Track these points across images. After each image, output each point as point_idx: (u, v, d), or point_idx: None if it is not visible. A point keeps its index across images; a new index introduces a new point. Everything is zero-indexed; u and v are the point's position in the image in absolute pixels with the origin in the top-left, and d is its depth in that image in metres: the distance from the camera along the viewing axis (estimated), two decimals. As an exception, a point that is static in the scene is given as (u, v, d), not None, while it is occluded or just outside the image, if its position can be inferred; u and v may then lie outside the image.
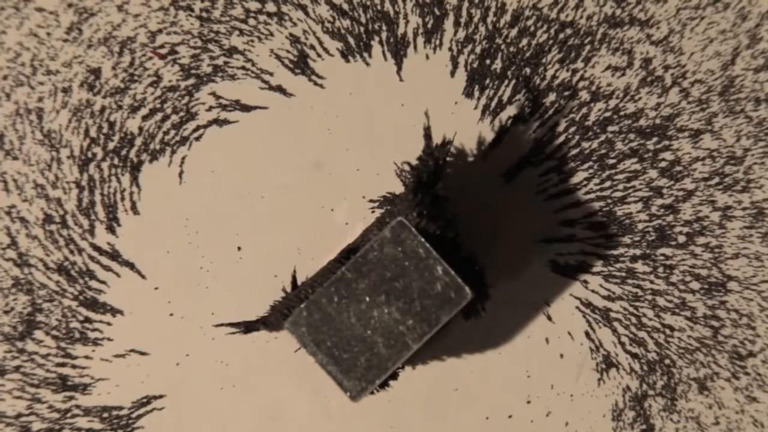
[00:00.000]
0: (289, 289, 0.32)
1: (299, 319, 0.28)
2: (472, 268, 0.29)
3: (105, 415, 0.34)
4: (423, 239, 0.27)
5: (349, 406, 0.33)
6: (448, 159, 0.32)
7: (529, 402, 0.34)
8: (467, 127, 0.34)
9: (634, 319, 0.33)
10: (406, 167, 0.32)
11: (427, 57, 0.33)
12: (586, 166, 0.33)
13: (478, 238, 0.33)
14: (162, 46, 0.33)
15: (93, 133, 0.34)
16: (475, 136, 0.34)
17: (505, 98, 0.33)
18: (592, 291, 0.34)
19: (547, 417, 0.34)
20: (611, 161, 0.33)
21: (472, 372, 0.34)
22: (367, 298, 0.28)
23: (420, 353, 0.30)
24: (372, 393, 0.29)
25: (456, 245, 0.29)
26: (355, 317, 0.28)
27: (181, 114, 0.34)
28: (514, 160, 0.34)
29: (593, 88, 0.33)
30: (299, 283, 0.32)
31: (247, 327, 0.33)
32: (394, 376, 0.31)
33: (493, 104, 0.33)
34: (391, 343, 0.27)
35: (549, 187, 0.34)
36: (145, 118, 0.34)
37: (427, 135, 0.31)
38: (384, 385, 0.30)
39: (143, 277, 0.34)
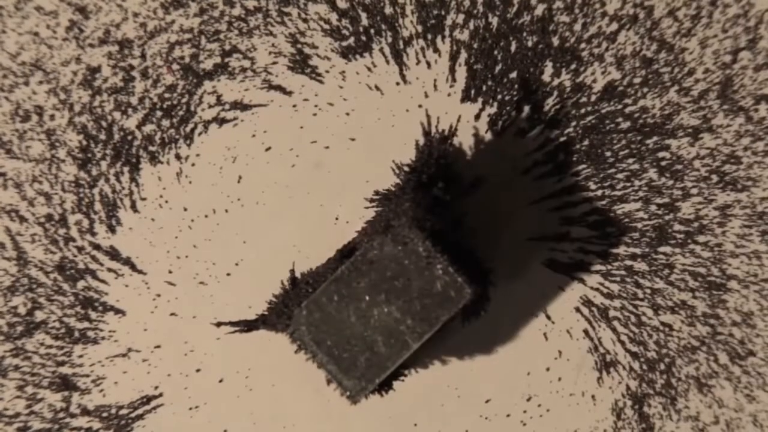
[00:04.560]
0: (288, 287, 0.32)
1: (299, 318, 0.28)
2: (476, 268, 0.29)
3: (105, 414, 0.34)
4: (423, 238, 0.27)
5: (349, 406, 0.33)
6: (448, 160, 0.32)
7: (528, 400, 0.34)
8: (467, 127, 0.34)
9: (633, 318, 0.34)
10: (406, 168, 0.32)
11: (425, 56, 0.33)
12: (585, 165, 0.34)
13: (477, 237, 0.33)
14: (173, 62, 0.33)
15: (92, 131, 0.34)
16: (475, 136, 0.34)
17: (505, 99, 0.33)
18: (592, 289, 0.34)
19: (547, 416, 0.34)
20: (610, 160, 0.33)
21: (472, 371, 0.34)
22: (367, 297, 0.28)
23: (420, 354, 0.29)
24: (373, 393, 0.28)
25: (460, 245, 0.29)
26: (355, 316, 0.28)
27: (181, 113, 0.34)
28: (513, 159, 0.34)
29: (592, 87, 0.33)
30: (298, 281, 0.32)
31: (248, 326, 0.33)
32: (396, 377, 0.31)
33: (493, 105, 0.34)
34: (390, 342, 0.27)
35: (548, 186, 0.34)
36: (144, 116, 0.34)
37: (426, 134, 0.31)
38: (386, 386, 0.30)
39: (143, 276, 0.34)
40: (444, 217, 0.29)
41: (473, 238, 0.33)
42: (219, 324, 0.33)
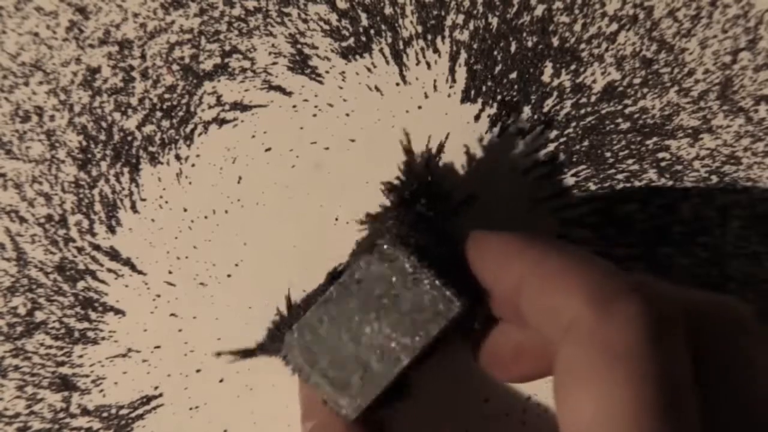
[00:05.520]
0: (284, 312, 0.32)
1: (291, 341, 0.28)
2: (469, 280, 0.28)
3: (105, 414, 0.34)
4: (408, 254, 0.27)
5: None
6: (433, 178, 0.31)
7: (528, 400, 0.34)
8: (467, 128, 0.34)
9: (633, 319, 0.34)
10: (385, 185, 0.31)
11: (425, 57, 0.33)
12: (585, 165, 0.34)
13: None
14: (173, 63, 0.33)
15: (92, 132, 0.34)
16: (475, 137, 0.34)
17: (505, 99, 0.33)
18: (592, 290, 0.34)
19: (547, 416, 0.34)
20: (610, 161, 0.34)
21: (472, 371, 0.34)
22: (357, 317, 0.28)
23: (422, 367, 0.29)
24: (372, 411, 0.28)
25: (452, 257, 0.28)
26: (347, 336, 0.28)
27: (181, 113, 0.34)
28: (513, 160, 0.34)
29: (592, 88, 0.33)
30: (294, 305, 0.32)
31: (245, 355, 0.32)
32: (407, 389, 0.30)
33: (493, 105, 0.34)
34: (384, 358, 0.27)
35: (548, 187, 0.34)
36: (144, 117, 0.34)
37: (408, 151, 0.31)
38: (397, 399, 0.30)
39: (143, 276, 0.34)
40: (430, 232, 0.29)
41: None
42: (219, 354, 0.33)
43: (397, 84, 0.33)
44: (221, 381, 0.34)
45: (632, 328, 0.20)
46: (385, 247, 0.28)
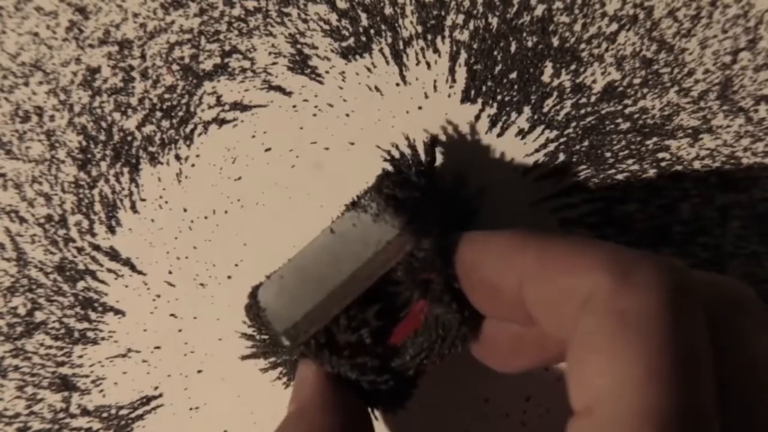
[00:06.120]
0: None
1: (265, 288, 0.29)
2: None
3: (104, 415, 0.34)
4: (379, 200, 0.28)
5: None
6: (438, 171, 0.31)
7: (528, 400, 0.34)
8: (466, 128, 0.34)
9: (633, 319, 0.34)
10: (386, 154, 0.31)
11: (425, 57, 0.33)
12: (585, 165, 0.34)
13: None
14: (173, 63, 0.33)
15: (92, 132, 0.34)
16: (475, 137, 0.34)
17: (505, 99, 0.33)
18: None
19: (547, 416, 0.34)
20: (610, 161, 0.34)
21: (471, 371, 0.34)
22: (325, 260, 0.28)
23: (420, 374, 0.29)
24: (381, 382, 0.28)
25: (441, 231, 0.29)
26: (311, 278, 0.28)
27: (181, 113, 0.34)
28: (513, 160, 0.34)
29: (592, 88, 0.33)
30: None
31: (260, 347, 0.32)
32: (412, 383, 0.30)
33: (493, 105, 0.34)
34: (332, 278, 0.28)
35: (548, 187, 0.34)
36: (144, 117, 0.34)
37: (412, 147, 0.31)
38: (406, 393, 0.30)
39: (143, 276, 0.34)
40: (412, 192, 0.29)
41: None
42: (244, 358, 0.32)
43: (397, 84, 0.33)
44: (221, 381, 0.34)
45: (650, 296, 0.19)
46: (363, 200, 0.29)
